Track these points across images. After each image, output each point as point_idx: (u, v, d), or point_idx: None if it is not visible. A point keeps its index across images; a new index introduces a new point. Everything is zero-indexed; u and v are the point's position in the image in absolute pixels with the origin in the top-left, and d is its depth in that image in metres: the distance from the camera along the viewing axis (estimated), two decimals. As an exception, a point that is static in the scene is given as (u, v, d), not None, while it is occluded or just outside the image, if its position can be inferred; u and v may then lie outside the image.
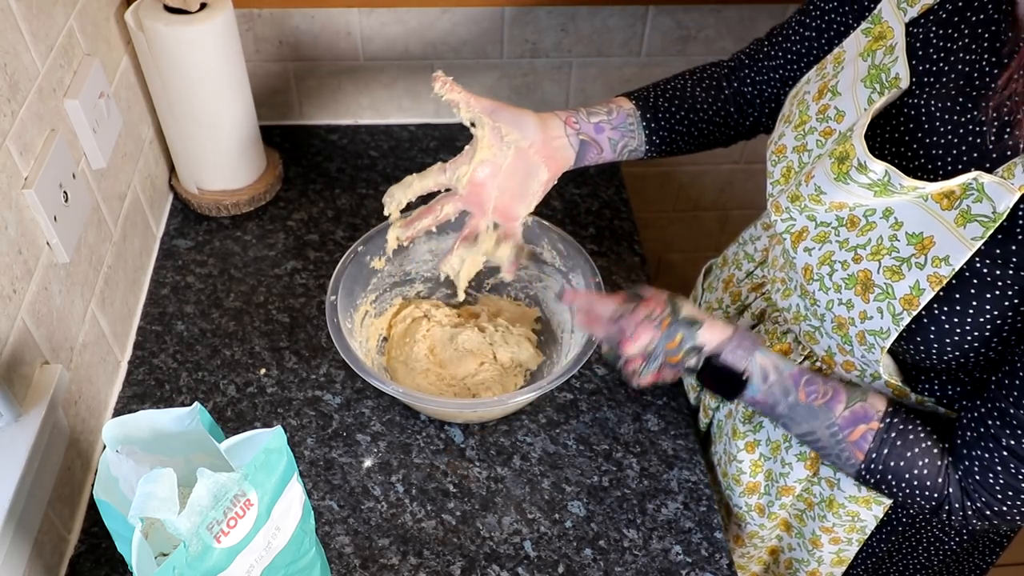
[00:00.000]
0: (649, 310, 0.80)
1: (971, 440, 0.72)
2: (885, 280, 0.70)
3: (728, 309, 1.01)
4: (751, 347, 0.79)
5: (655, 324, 0.79)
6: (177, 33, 1.02)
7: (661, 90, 0.95)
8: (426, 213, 0.91)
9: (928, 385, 0.78)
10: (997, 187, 0.63)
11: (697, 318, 0.80)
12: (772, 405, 0.80)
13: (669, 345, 0.79)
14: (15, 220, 0.78)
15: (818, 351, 0.85)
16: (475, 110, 0.85)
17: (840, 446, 0.77)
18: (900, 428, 0.76)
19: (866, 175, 0.69)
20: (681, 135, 0.95)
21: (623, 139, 0.93)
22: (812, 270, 0.78)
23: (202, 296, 1.11)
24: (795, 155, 0.81)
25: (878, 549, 0.94)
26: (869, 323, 0.73)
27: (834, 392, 0.78)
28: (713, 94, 0.95)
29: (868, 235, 0.72)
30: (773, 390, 0.79)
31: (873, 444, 0.76)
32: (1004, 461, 0.69)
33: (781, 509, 0.97)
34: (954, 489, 0.73)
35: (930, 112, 0.71)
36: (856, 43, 0.79)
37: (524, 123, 0.87)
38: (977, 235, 0.64)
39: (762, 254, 0.99)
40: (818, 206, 0.76)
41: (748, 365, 0.79)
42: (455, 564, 0.87)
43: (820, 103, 0.79)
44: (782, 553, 1.03)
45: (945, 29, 0.72)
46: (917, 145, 0.72)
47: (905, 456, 0.75)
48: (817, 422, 0.78)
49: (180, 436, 0.66)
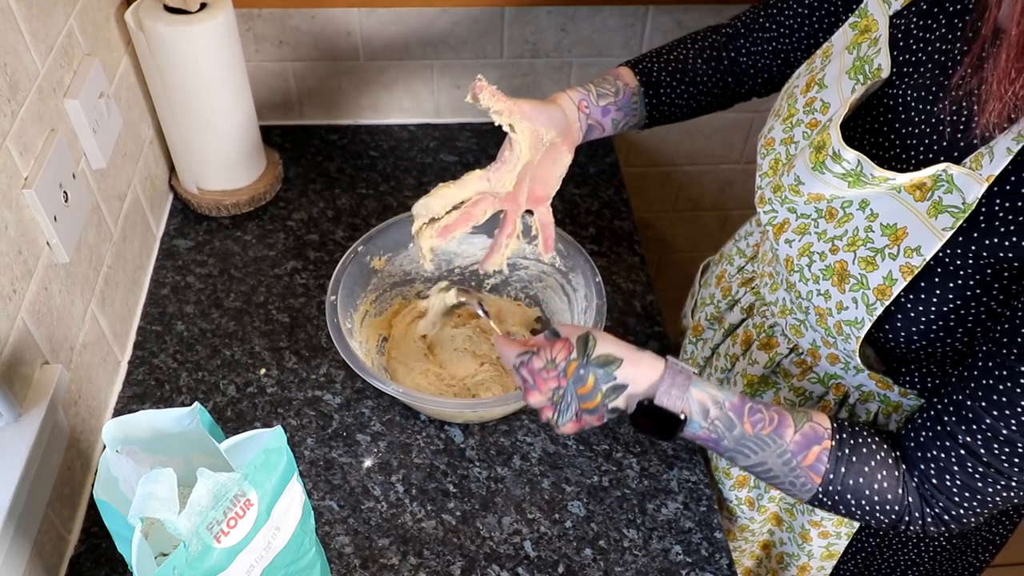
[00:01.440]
0: (551, 356, 0.74)
1: (925, 441, 0.70)
2: (860, 271, 0.71)
3: (719, 304, 1.02)
4: (685, 382, 0.72)
5: (559, 370, 0.73)
6: (177, 33, 1.02)
7: (664, 62, 0.95)
8: (464, 220, 0.88)
9: (909, 377, 0.77)
10: (966, 178, 0.64)
11: (614, 356, 0.73)
12: (716, 440, 0.74)
13: (580, 390, 0.73)
14: (15, 220, 0.78)
15: (803, 344, 0.85)
16: (516, 116, 0.84)
17: (794, 473, 0.73)
18: (852, 443, 0.72)
19: (840, 164, 0.69)
20: (680, 108, 0.97)
21: (625, 118, 0.94)
22: (793, 261, 0.78)
23: (202, 296, 1.11)
24: (783, 147, 0.81)
25: (867, 544, 0.94)
26: (845, 313, 0.73)
27: (780, 417, 0.73)
28: (713, 65, 0.96)
29: (845, 226, 0.73)
30: (716, 424, 0.73)
31: (829, 465, 0.72)
32: (961, 460, 0.68)
33: (771, 502, 0.97)
34: (913, 498, 0.71)
35: (907, 102, 0.72)
36: (843, 37, 0.80)
37: (555, 119, 0.86)
38: (947, 225, 0.65)
39: (753, 249, 0.99)
40: (797, 197, 0.76)
41: (685, 404, 0.72)
42: (455, 564, 0.87)
43: (807, 96, 0.80)
44: (773, 547, 1.03)
45: (924, 20, 0.73)
46: (894, 135, 0.73)
47: (863, 472, 0.71)
48: (767, 452, 0.73)
49: (180, 436, 0.66)
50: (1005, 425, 0.65)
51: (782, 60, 0.93)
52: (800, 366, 0.86)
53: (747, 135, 1.52)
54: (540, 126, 0.85)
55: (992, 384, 0.65)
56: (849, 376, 0.82)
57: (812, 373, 0.85)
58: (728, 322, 0.98)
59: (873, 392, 0.81)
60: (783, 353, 0.88)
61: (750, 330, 0.93)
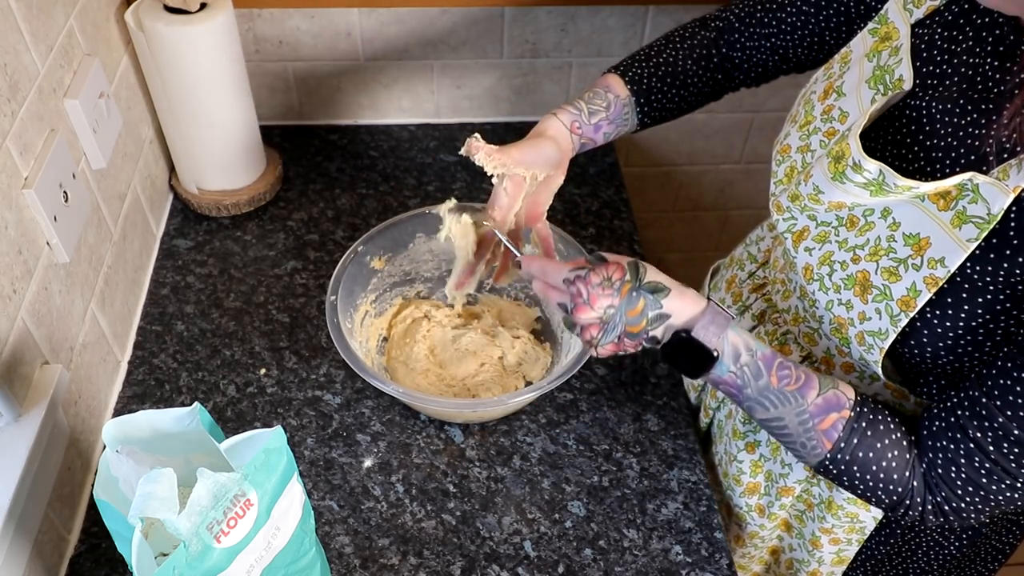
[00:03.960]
0: (607, 274, 0.75)
1: (938, 430, 0.70)
2: (883, 281, 0.70)
3: (729, 310, 1.01)
4: (724, 323, 0.74)
5: (614, 289, 0.74)
6: (177, 33, 1.02)
7: (654, 66, 0.95)
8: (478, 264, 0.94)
9: (927, 388, 0.77)
10: (992, 188, 0.63)
11: (663, 284, 0.75)
12: (740, 387, 0.75)
13: (630, 313, 0.74)
14: (15, 220, 0.78)
15: (817, 352, 0.84)
16: (510, 167, 0.86)
17: (808, 435, 0.74)
18: (870, 418, 0.73)
19: (861, 174, 0.69)
20: (670, 111, 0.97)
21: (616, 130, 0.95)
22: (812, 270, 0.77)
23: (202, 296, 1.11)
24: (799, 155, 0.80)
25: (877, 551, 0.94)
26: (868, 324, 0.72)
27: (807, 378, 0.74)
28: (703, 64, 0.95)
29: (867, 235, 0.72)
30: (744, 370, 0.74)
31: (843, 434, 0.73)
32: (969, 454, 0.68)
33: (781, 510, 0.97)
34: (918, 482, 0.72)
35: (931, 114, 0.71)
36: (863, 43, 0.79)
37: (549, 158, 0.88)
38: (972, 236, 0.64)
39: (765, 255, 0.99)
40: (818, 205, 0.75)
41: (720, 343, 0.74)
42: (455, 564, 0.87)
43: (825, 103, 0.79)
44: (783, 553, 1.03)
45: (950, 31, 0.72)
46: (918, 147, 0.72)
47: (875, 447, 0.72)
48: (787, 408, 0.74)
49: (180, 436, 0.66)
50: (1018, 426, 0.65)
51: (779, 56, 0.92)
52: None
53: (747, 135, 1.52)
54: (536, 169, 0.88)
55: (1009, 385, 0.64)
56: (864, 385, 0.81)
57: None
58: None
59: (888, 401, 0.80)
60: (796, 361, 0.87)
61: (762, 337, 0.92)
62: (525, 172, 0.87)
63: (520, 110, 1.41)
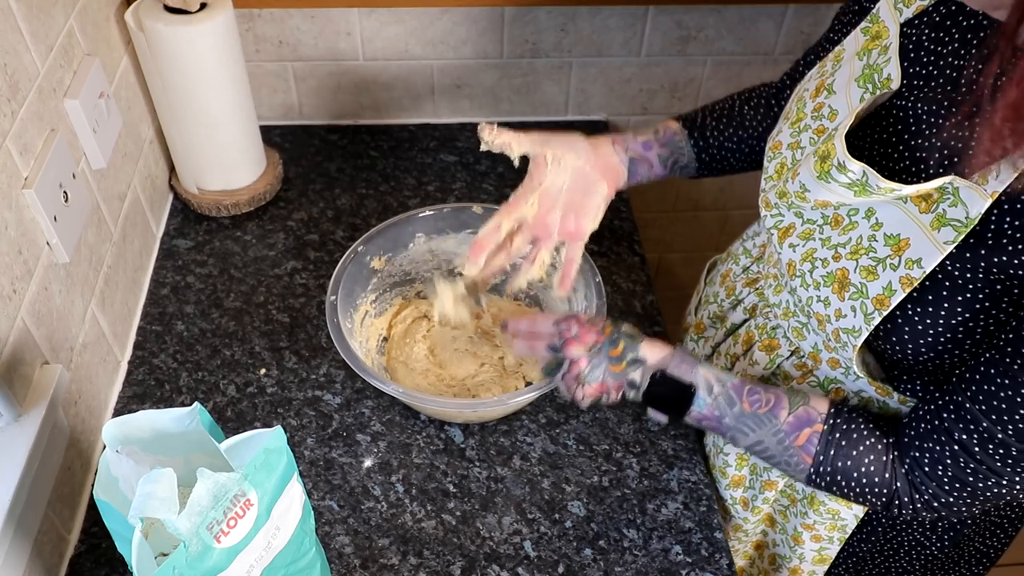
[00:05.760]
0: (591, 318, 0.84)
1: (923, 432, 0.72)
2: (860, 279, 0.71)
3: (722, 303, 1.02)
4: (693, 362, 0.81)
5: (598, 329, 0.82)
6: (177, 33, 1.02)
7: (708, 110, 0.99)
8: (499, 252, 0.93)
9: (910, 385, 0.78)
10: (971, 192, 0.63)
11: (637, 333, 0.83)
12: (719, 418, 0.80)
13: (612, 352, 0.81)
14: (15, 220, 0.78)
15: (805, 347, 0.85)
16: (526, 145, 0.88)
17: (788, 452, 0.78)
18: (843, 428, 0.76)
19: (845, 175, 0.69)
20: (732, 152, 0.98)
21: (672, 155, 0.96)
22: (795, 266, 0.78)
23: (202, 296, 1.11)
24: (789, 152, 0.81)
25: (859, 549, 0.94)
26: (843, 321, 0.73)
27: (776, 398, 0.79)
28: (762, 112, 0.97)
29: (849, 234, 0.73)
30: (719, 401, 0.79)
31: (819, 447, 0.76)
32: (954, 455, 0.69)
33: (765, 504, 0.97)
34: (901, 483, 0.74)
35: (917, 115, 0.71)
36: (855, 41, 0.79)
37: (575, 144, 0.90)
38: (950, 239, 0.65)
39: (760, 250, 0.99)
40: (804, 203, 0.76)
41: (693, 377, 0.80)
42: (455, 564, 0.87)
43: (816, 101, 0.80)
44: (766, 548, 1.04)
45: (937, 32, 0.72)
46: (903, 147, 0.72)
47: (851, 455, 0.75)
48: (764, 430, 0.78)
49: (180, 436, 0.66)
50: (1002, 430, 0.66)
51: None
52: (800, 369, 0.86)
53: (747, 135, 1.52)
54: (555, 149, 0.89)
55: (993, 391, 0.65)
56: (849, 381, 0.82)
57: (812, 376, 0.85)
58: (730, 321, 0.98)
59: (873, 398, 0.81)
60: (784, 355, 0.88)
61: (752, 331, 0.93)
62: (543, 150, 0.88)
63: (520, 110, 1.41)
